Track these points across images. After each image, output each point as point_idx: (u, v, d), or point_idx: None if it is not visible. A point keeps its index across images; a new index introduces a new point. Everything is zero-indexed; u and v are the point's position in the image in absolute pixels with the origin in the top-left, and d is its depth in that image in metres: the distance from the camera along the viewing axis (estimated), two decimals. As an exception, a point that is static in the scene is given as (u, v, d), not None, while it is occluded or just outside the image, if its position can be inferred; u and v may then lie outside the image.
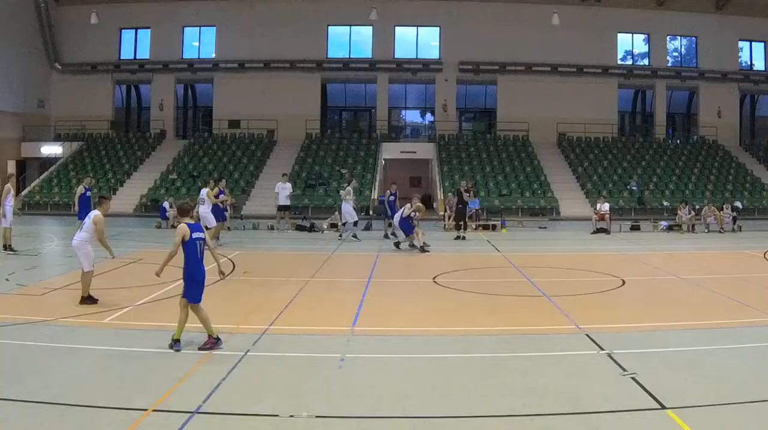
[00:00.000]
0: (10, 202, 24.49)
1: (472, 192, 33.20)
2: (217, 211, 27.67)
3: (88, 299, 15.56)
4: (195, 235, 11.95)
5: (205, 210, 26.60)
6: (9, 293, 17.03)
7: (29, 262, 22.01)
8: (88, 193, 27.35)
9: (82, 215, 22.34)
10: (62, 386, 9.94)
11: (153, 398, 9.38)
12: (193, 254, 11.89)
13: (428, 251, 25.57)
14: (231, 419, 8.97)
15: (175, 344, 11.84)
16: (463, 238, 30.47)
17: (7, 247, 24.07)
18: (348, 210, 30.09)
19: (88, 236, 15.55)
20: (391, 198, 30.69)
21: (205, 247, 12.15)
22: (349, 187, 31.14)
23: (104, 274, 19.70)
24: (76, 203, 27.21)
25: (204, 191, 27.55)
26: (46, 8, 54.25)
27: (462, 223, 31.14)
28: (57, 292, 17.29)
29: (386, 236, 30.34)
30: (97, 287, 17.15)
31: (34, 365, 11.11)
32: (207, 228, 24.20)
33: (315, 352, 12.03)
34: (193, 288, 11.92)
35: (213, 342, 11.90)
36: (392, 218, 28.40)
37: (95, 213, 15.67)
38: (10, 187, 24.71)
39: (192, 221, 12.25)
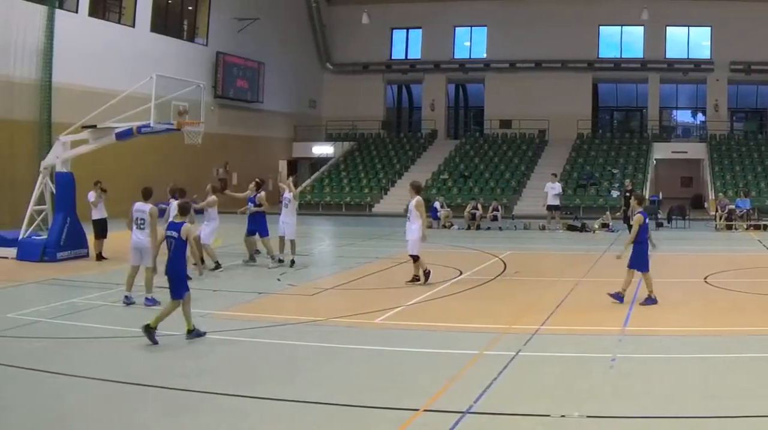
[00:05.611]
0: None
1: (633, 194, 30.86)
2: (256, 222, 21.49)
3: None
4: None
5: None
6: (280, 293, 17.49)
7: (301, 262, 21.89)
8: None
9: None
10: (332, 387, 10.13)
11: (424, 398, 9.36)
12: None
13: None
14: (502, 418, 8.95)
15: None
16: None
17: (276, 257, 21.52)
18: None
19: None
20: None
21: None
22: None
23: (375, 274, 20.13)
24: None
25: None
26: (318, 9, 56.11)
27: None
28: (328, 292, 17.64)
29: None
30: (367, 287, 17.48)
31: (305, 366, 11.41)
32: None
33: (586, 352, 11.95)
34: None
35: None
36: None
37: None
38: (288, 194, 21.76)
39: None
